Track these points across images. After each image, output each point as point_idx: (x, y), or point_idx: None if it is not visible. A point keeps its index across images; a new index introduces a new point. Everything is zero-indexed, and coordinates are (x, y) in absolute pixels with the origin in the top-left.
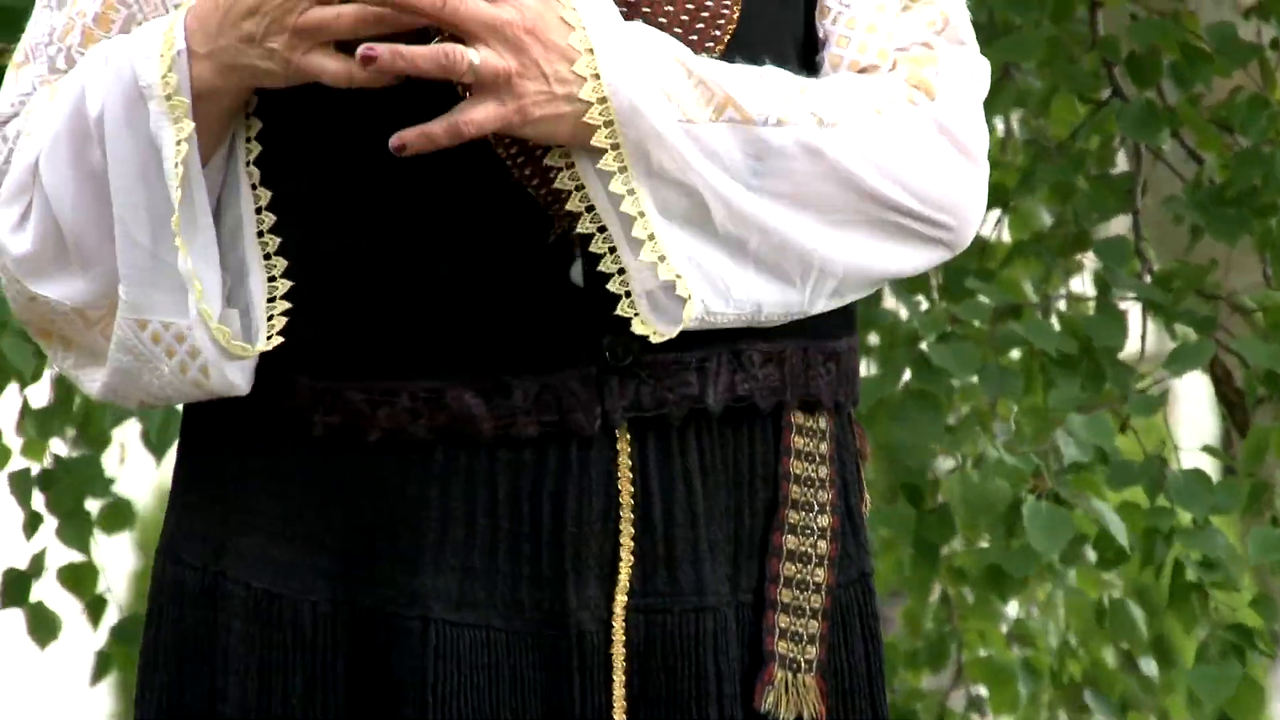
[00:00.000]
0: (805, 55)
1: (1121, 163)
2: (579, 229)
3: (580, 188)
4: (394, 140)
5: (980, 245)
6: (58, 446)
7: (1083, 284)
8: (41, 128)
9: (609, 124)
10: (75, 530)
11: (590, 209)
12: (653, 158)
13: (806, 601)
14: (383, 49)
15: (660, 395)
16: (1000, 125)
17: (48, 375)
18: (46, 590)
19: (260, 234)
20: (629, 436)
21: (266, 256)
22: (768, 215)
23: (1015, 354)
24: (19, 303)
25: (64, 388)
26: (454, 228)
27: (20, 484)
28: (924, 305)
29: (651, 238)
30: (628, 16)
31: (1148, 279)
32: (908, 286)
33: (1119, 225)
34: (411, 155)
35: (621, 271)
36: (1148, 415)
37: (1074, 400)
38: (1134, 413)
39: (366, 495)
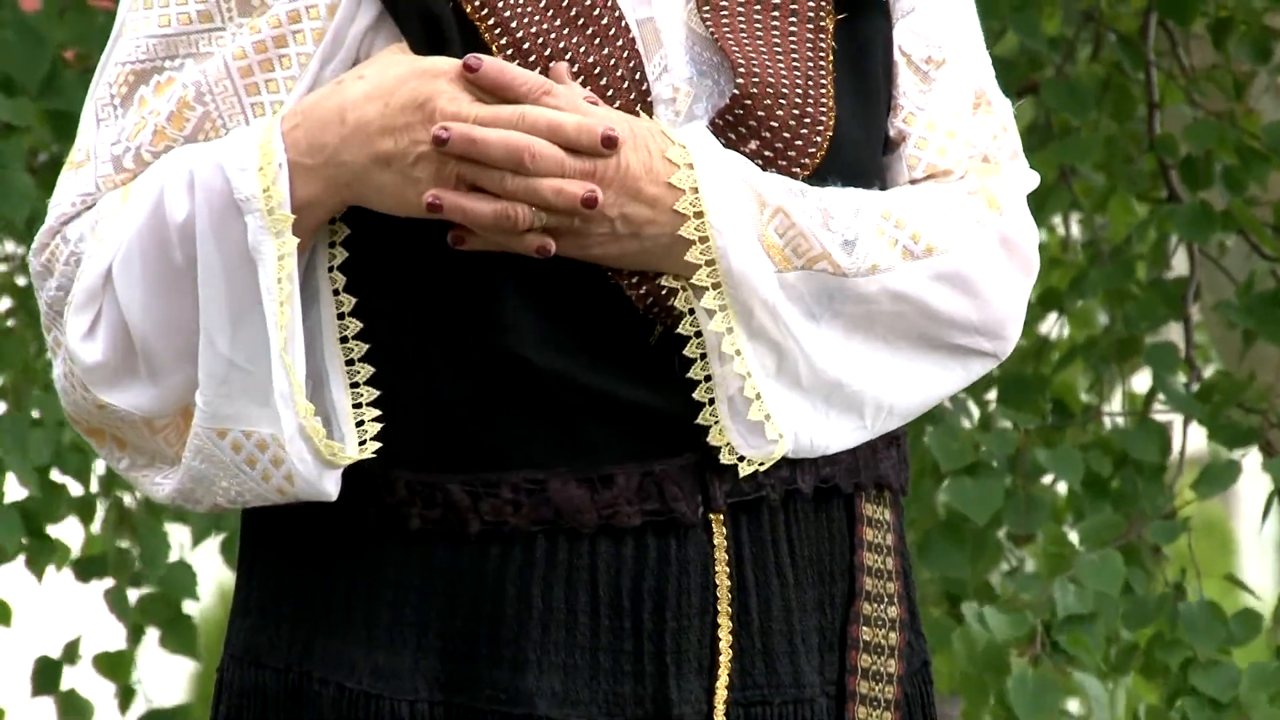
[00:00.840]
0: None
1: (1178, 264)
2: (680, 330)
3: (690, 309)
4: (452, 236)
5: (1037, 348)
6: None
7: (1140, 383)
8: (114, 233)
9: (716, 285)
10: (178, 636)
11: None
12: (754, 318)
13: (881, 692)
14: (448, 198)
15: (757, 480)
16: (1059, 226)
17: None
18: (77, 678)
19: (344, 339)
20: (724, 529)
21: (349, 362)
22: (849, 370)
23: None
24: (80, 407)
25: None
26: (554, 319)
27: (118, 600)
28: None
29: (759, 397)
30: (727, 127)
31: (1196, 387)
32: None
33: (1176, 330)
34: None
35: (711, 392)
36: (1168, 542)
37: (1099, 530)
38: (1155, 538)
39: (466, 590)
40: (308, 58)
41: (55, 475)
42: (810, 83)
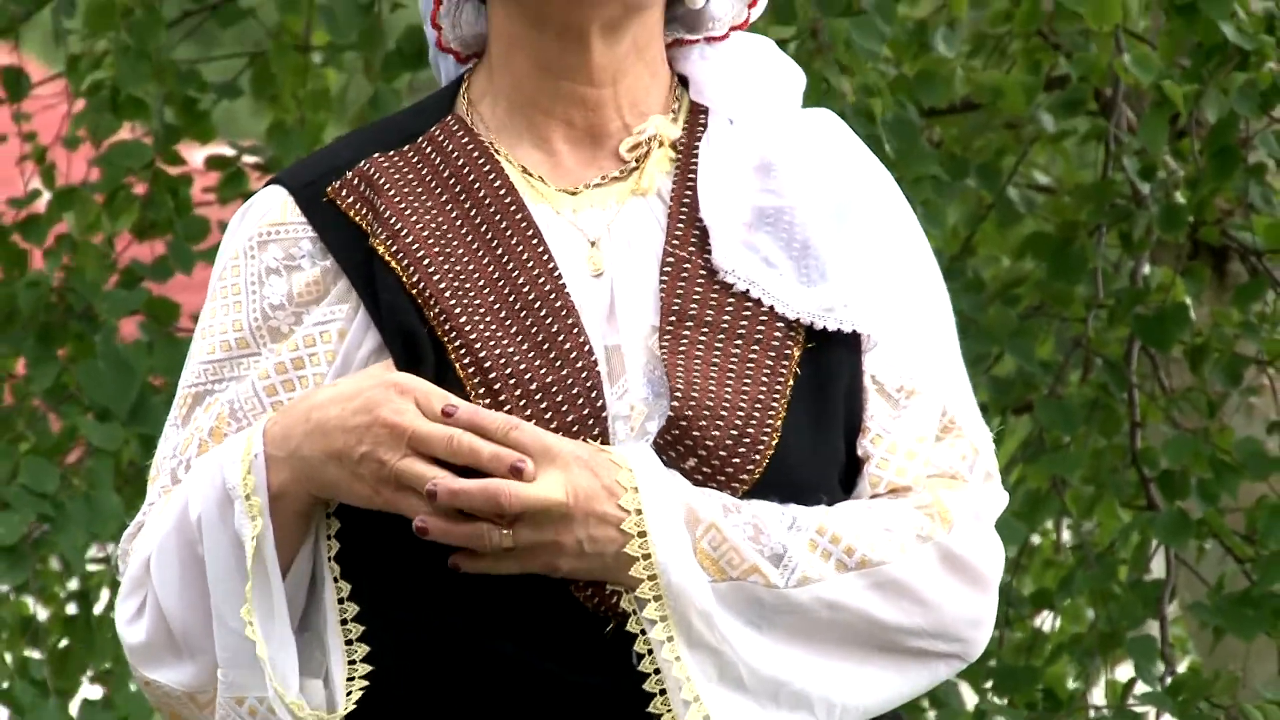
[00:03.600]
0: (848, 473)
1: (1157, 566)
2: (628, 628)
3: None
4: (451, 561)
5: (1031, 640)
6: None
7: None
8: (153, 531)
9: (657, 597)
10: None
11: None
12: (693, 628)
13: None
14: (434, 523)
15: None
16: (1052, 531)
17: None
18: None
19: (344, 621)
20: None
21: (349, 642)
22: (791, 672)
23: None
24: (141, 686)
25: None
26: (518, 615)
27: None
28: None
29: (697, 699)
30: (668, 446)
31: (1170, 680)
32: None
33: (1155, 623)
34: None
35: (662, 683)
36: None
37: None
38: None
39: None
40: (322, 377)
41: None
42: (757, 406)
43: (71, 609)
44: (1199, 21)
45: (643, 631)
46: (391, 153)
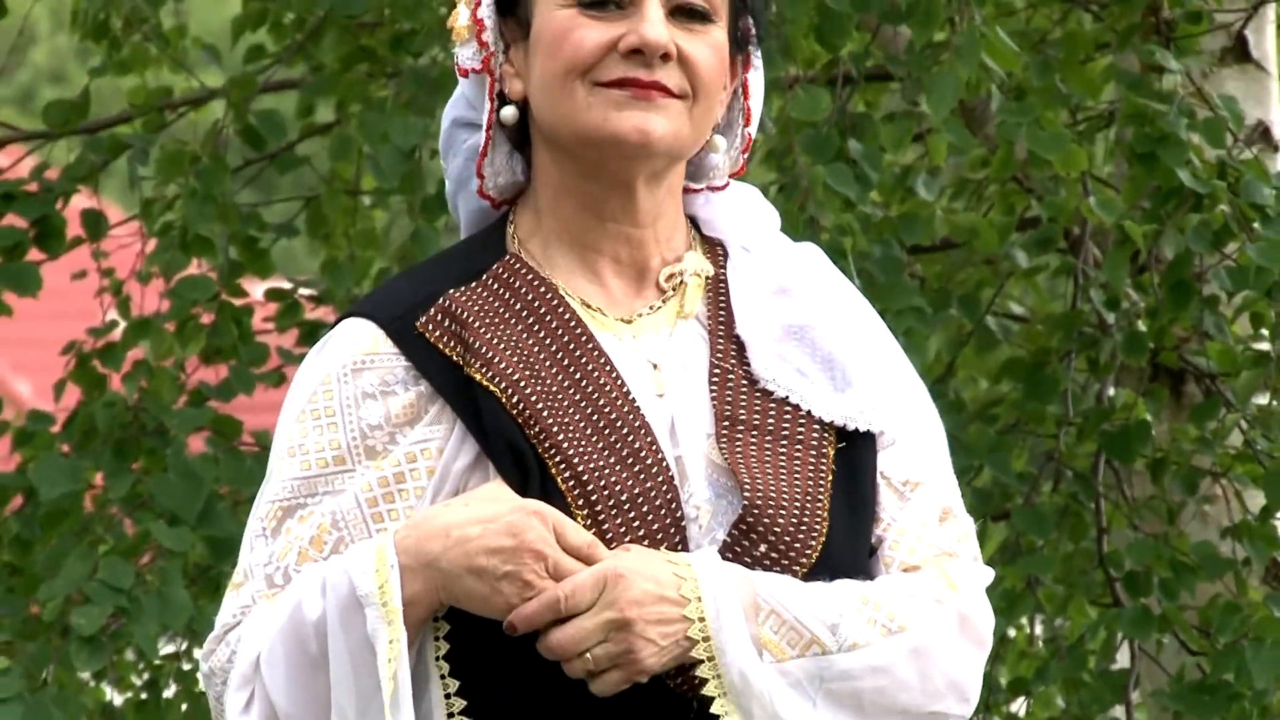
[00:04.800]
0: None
1: (1123, 657)
2: (713, 710)
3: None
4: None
5: None
6: None
7: None
8: (262, 631)
9: (718, 679)
10: None
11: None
12: (752, 710)
13: None
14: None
15: None
16: (1026, 625)
17: None
18: None
19: (450, 715)
20: None
21: None
22: None
23: None
24: None
25: None
26: (615, 708)
27: None
28: None
29: None
30: (743, 535)
31: None
32: None
33: (1121, 709)
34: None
35: None
36: None
37: None
38: None
39: None
40: (423, 490)
41: None
42: (809, 498)
43: (144, 695)
44: (1158, 168)
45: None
46: (464, 288)
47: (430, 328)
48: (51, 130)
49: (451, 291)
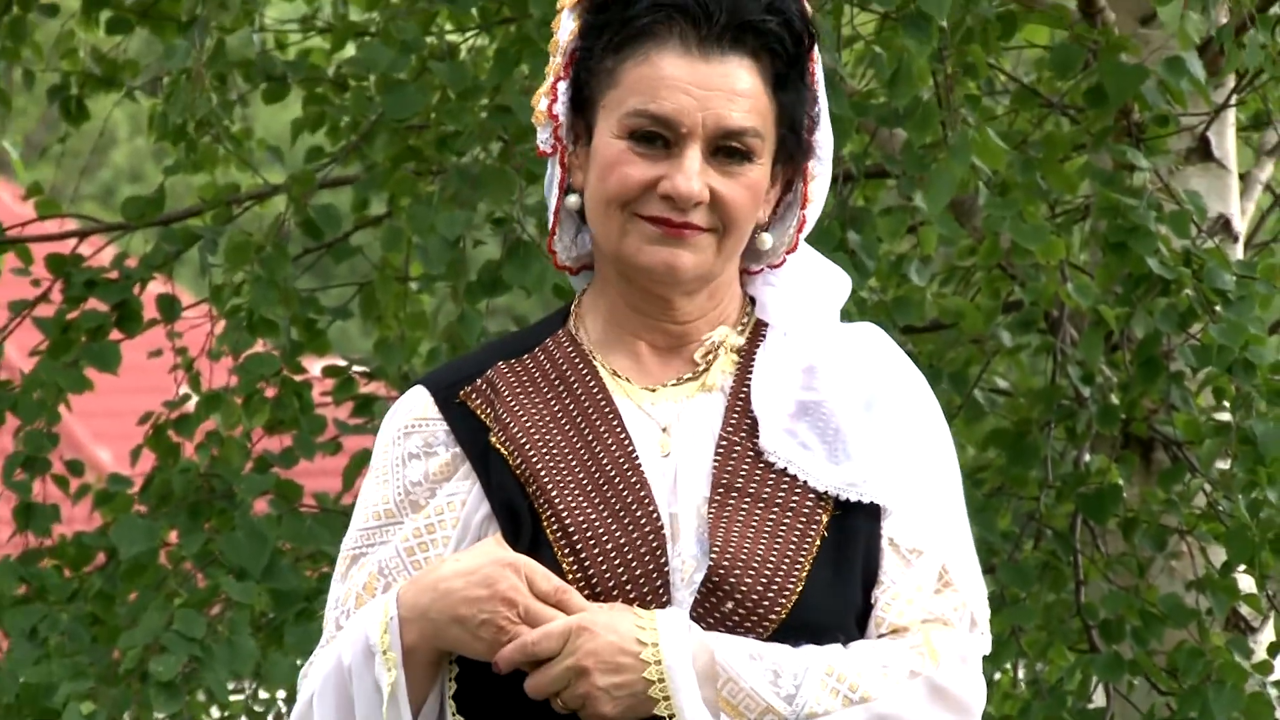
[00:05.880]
0: (864, 616)
1: (1098, 698)
2: None
3: None
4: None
5: None
6: None
7: None
8: (316, 673)
9: None
10: None
11: None
12: None
13: None
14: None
15: None
16: (1010, 670)
17: None
18: None
19: None
20: None
21: None
22: None
23: None
24: None
25: None
26: None
27: None
28: None
29: None
30: (710, 592)
31: None
32: None
33: None
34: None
35: None
36: None
37: None
38: None
39: None
40: (449, 539)
41: None
42: (785, 560)
43: None
44: (1129, 256)
45: None
46: (513, 361)
47: (473, 396)
48: (130, 223)
49: (499, 364)
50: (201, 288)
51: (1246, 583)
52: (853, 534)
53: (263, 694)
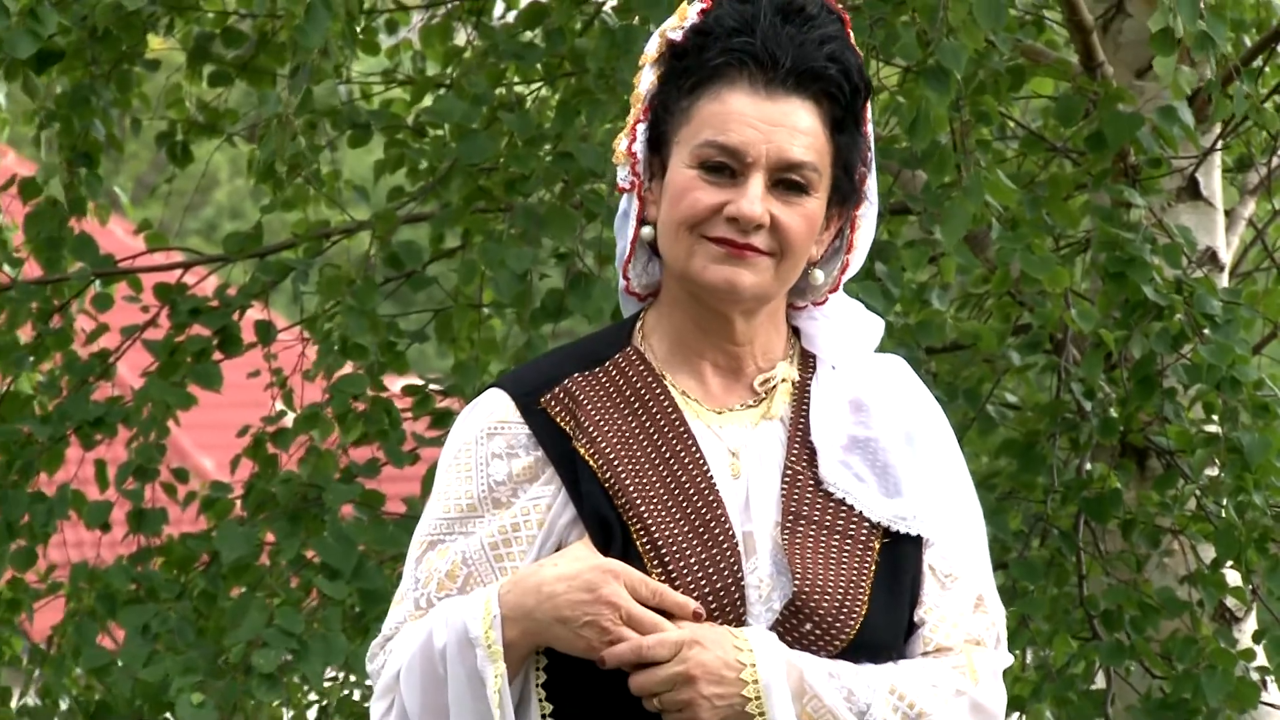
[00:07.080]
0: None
1: (1100, 680)
2: None
3: None
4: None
5: None
6: None
7: None
8: (404, 648)
9: None
10: None
11: None
12: None
13: None
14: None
15: None
16: (1020, 655)
17: None
18: None
19: None
20: None
21: None
22: None
23: None
24: None
25: None
26: None
27: None
28: None
29: None
30: (792, 614)
31: None
32: None
33: None
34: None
35: None
36: None
37: None
38: None
39: None
40: (533, 539)
41: None
42: (851, 584)
43: (311, 714)
44: (1127, 285)
45: None
46: (587, 373)
47: (552, 404)
48: (230, 255)
49: (575, 375)
50: (294, 313)
51: (1233, 577)
52: (901, 560)
53: (352, 678)
